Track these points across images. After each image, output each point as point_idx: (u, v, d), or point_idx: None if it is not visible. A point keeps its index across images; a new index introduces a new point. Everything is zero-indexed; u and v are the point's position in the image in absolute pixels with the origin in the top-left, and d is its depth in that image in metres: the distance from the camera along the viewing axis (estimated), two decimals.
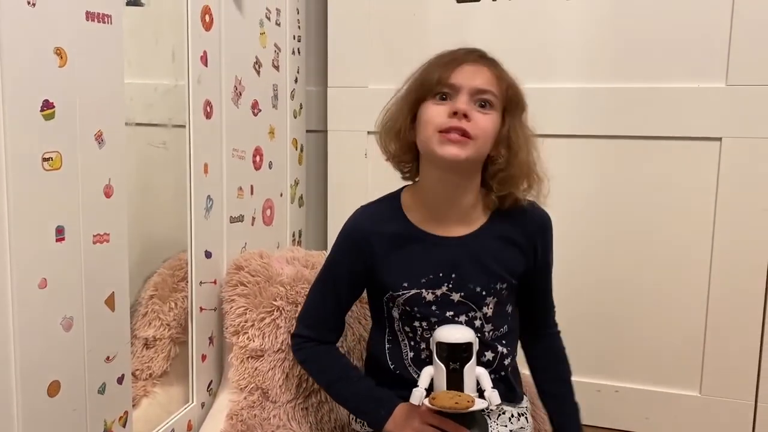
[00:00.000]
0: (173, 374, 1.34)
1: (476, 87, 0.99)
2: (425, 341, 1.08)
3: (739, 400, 1.56)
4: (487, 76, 1.01)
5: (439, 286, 1.06)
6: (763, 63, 1.45)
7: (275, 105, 1.60)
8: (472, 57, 1.02)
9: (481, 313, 1.07)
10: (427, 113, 1.00)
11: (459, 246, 1.06)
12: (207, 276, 1.33)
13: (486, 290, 1.06)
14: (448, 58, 1.02)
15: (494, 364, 1.09)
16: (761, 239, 1.50)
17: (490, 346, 1.09)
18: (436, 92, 1.00)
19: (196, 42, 1.24)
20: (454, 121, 0.97)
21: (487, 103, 1.00)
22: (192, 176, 1.26)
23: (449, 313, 1.07)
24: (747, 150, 1.49)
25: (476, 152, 0.99)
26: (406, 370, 1.10)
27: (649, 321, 1.61)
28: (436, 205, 1.06)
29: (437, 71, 1.00)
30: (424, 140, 1.00)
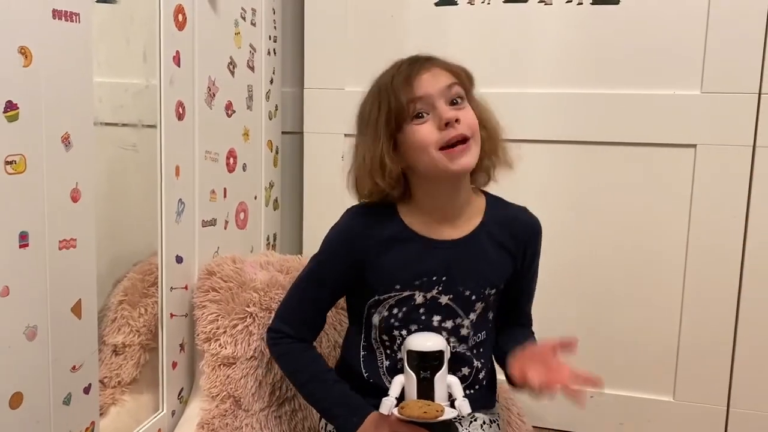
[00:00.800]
0: (143, 382, 1.31)
1: (444, 87, 0.99)
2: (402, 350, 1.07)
3: (711, 405, 1.57)
4: (444, 73, 1.01)
5: (430, 289, 1.05)
6: (737, 71, 1.46)
7: (250, 106, 1.58)
8: (421, 64, 1.01)
9: (468, 320, 1.07)
10: (417, 137, 0.98)
11: (452, 249, 1.06)
12: (178, 281, 1.30)
13: (476, 294, 1.06)
14: (401, 77, 1.00)
15: (470, 378, 1.08)
16: (734, 246, 1.51)
17: (466, 360, 1.08)
18: (411, 114, 0.98)
19: (169, 41, 1.21)
20: (450, 131, 0.97)
21: (459, 97, 1.00)
22: (163, 179, 1.23)
23: (436, 318, 1.06)
24: (721, 157, 1.50)
25: (478, 149, 1.01)
26: (380, 379, 1.09)
27: (624, 327, 1.61)
28: (433, 211, 1.06)
29: (400, 93, 0.98)
30: (428, 163, 0.99)
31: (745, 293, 1.52)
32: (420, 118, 0.98)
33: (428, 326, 1.06)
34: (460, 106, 1.00)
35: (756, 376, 1.53)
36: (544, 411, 1.64)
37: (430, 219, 1.06)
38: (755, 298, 1.51)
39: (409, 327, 1.06)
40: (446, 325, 1.06)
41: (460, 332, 1.07)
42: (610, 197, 1.59)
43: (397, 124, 0.99)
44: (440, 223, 1.06)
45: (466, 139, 0.98)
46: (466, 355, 1.08)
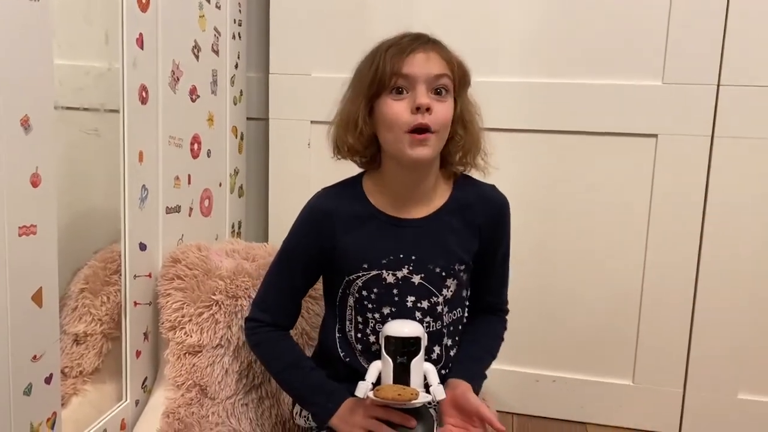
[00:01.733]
0: (106, 371, 1.28)
1: (432, 74, 0.99)
2: (375, 334, 1.07)
3: (668, 389, 1.62)
4: (438, 60, 1.00)
5: (399, 268, 1.05)
6: (698, 62, 1.49)
7: (214, 91, 1.55)
8: (420, 44, 1.01)
9: (442, 297, 1.07)
10: (389, 112, 0.99)
11: (419, 227, 1.07)
12: (141, 269, 1.28)
13: (446, 271, 1.07)
14: (397, 49, 1.00)
15: (442, 359, 1.09)
16: (692, 233, 1.55)
17: (440, 338, 1.09)
18: (391, 86, 0.99)
19: (132, 23, 1.18)
20: (418, 117, 0.97)
21: (443, 89, 1.00)
22: (126, 164, 1.20)
23: (410, 298, 1.06)
24: (681, 146, 1.53)
25: (440, 144, 1.01)
26: (356, 361, 1.09)
27: (586, 313, 1.64)
28: (398, 190, 1.07)
29: (389, 63, 0.99)
30: (391, 141, 1.00)
31: (702, 280, 1.56)
32: (399, 93, 0.99)
33: (402, 307, 1.06)
34: (441, 98, 1.00)
35: (711, 361, 1.58)
36: (507, 395, 1.67)
37: (395, 197, 1.07)
38: (711, 286, 1.56)
39: (382, 309, 1.06)
40: (422, 305, 1.06)
41: (436, 310, 1.07)
42: (573, 186, 1.61)
43: (377, 90, 1.00)
44: (406, 202, 1.07)
45: (428, 130, 0.98)
46: (441, 332, 1.09)
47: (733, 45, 1.47)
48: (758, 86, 1.47)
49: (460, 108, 1.05)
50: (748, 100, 1.48)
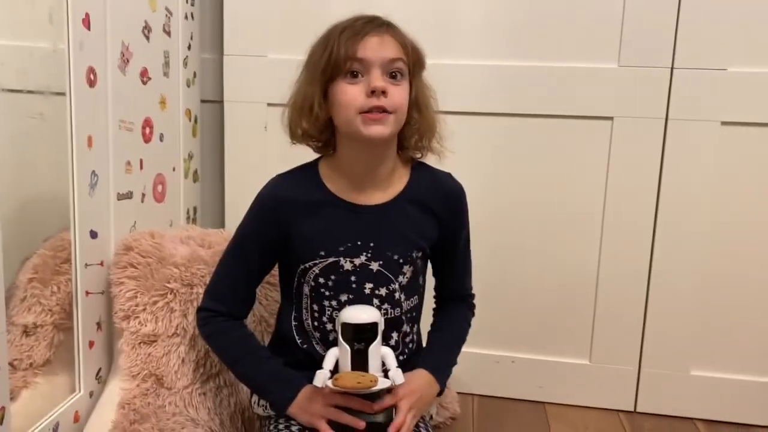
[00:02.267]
0: (57, 363, 1.24)
1: (387, 58, 0.99)
2: (333, 322, 1.06)
3: (624, 367, 1.65)
4: (393, 44, 1.01)
5: (357, 255, 1.05)
6: (653, 46, 1.51)
7: (167, 73, 1.51)
8: (375, 26, 1.01)
9: (398, 283, 1.07)
10: (344, 95, 0.99)
11: (377, 214, 1.06)
12: (93, 257, 1.24)
13: (403, 258, 1.07)
14: (351, 32, 1.00)
15: (399, 346, 1.09)
16: (647, 214, 1.58)
17: (398, 324, 1.09)
18: (346, 70, 0.99)
19: (78, 2, 1.13)
20: (373, 100, 0.98)
21: (398, 72, 1.00)
22: (74, 150, 1.16)
23: (368, 285, 1.06)
24: (636, 129, 1.55)
25: (397, 125, 1.02)
26: (313, 348, 1.09)
27: (544, 295, 1.66)
28: (355, 174, 1.06)
29: (342, 47, 0.98)
30: (345, 122, 1.00)
31: (656, 261, 1.59)
32: (354, 77, 0.99)
33: (360, 294, 1.06)
34: (396, 81, 1.00)
35: (664, 340, 1.62)
36: (468, 377, 1.68)
37: (352, 183, 1.06)
38: (665, 267, 1.59)
39: (339, 297, 1.06)
40: (380, 292, 1.06)
41: (394, 297, 1.08)
42: (531, 168, 1.62)
43: (332, 74, 1.00)
44: (362, 188, 1.06)
45: (385, 111, 0.98)
46: (399, 319, 1.09)
47: (686, 29, 1.49)
48: (710, 69, 1.49)
49: (415, 91, 1.05)
50: (700, 83, 1.50)
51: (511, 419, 1.61)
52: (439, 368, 1.10)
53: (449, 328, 1.17)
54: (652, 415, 1.65)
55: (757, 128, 1.51)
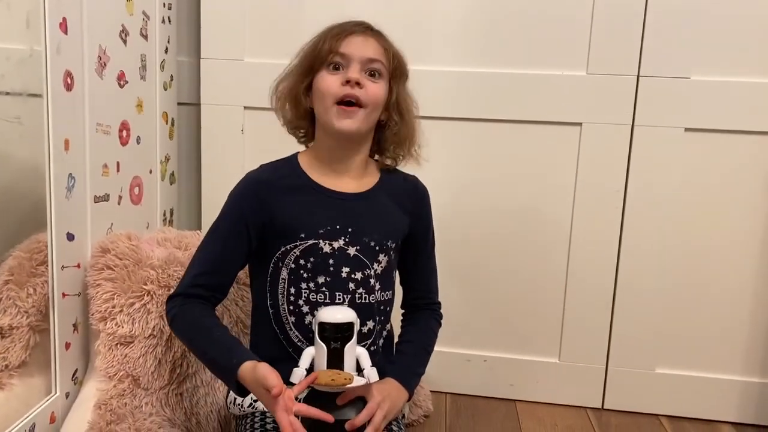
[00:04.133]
0: (33, 364, 1.25)
1: (366, 57, 1.08)
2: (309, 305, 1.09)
3: (592, 365, 1.70)
4: (375, 46, 1.10)
5: (336, 238, 1.09)
6: (619, 54, 1.56)
7: (143, 76, 1.52)
8: (361, 28, 1.10)
9: (373, 270, 1.11)
10: (323, 83, 1.07)
11: (356, 201, 1.12)
12: (70, 260, 1.25)
13: (379, 245, 1.12)
14: (338, 30, 1.09)
15: (372, 334, 1.13)
16: (614, 217, 1.63)
17: (372, 312, 1.12)
18: (329, 62, 1.07)
19: (55, 6, 1.14)
20: (347, 89, 1.05)
21: (377, 72, 1.09)
22: (51, 153, 1.16)
23: (345, 269, 1.09)
24: (604, 134, 1.60)
25: (366, 121, 1.08)
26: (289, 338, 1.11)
27: (514, 296, 1.70)
28: (332, 162, 1.12)
29: (328, 42, 1.07)
30: (322, 111, 1.08)
31: (623, 263, 1.64)
32: (335, 69, 1.08)
33: (337, 277, 1.09)
34: (374, 79, 1.08)
35: (630, 339, 1.67)
36: (440, 375, 1.71)
37: (330, 170, 1.13)
38: (631, 268, 1.64)
39: (317, 278, 1.09)
40: (356, 276, 1.10)
41: (369, 282, 1.11)
42: (502, 171, 1.66)
43: (315, 66, 1.08)
44: (340, 176, 1.13)
45: (359, 103, 1.06)
46: (373, 307, 1.12)
47: (651, 39, 1.54)
48: (674, 77, 1.55)
49: (396, 96, 1.13)
50: (665, 91, 1.55)
51: (482, 417, 1.65)
52: (406, 376, 1.14)
53: (417, 339, 1.21)
54: (619, 412, 1.70)
55: (719, 134, 1.57)
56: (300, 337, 1.10)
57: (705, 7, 1.52)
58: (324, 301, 1.09)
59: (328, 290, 1.09)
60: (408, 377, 1.14)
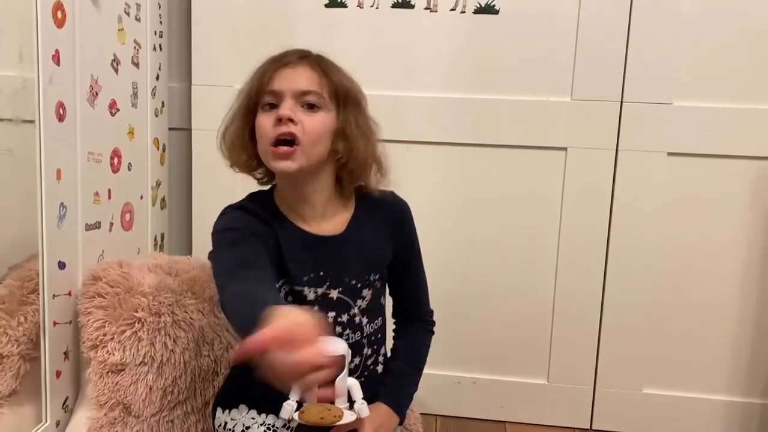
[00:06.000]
0: (23, 393, 1.25)
1: (298, 90, 1.00)
2: None
3: (580, 386, 1.72)
4: (308, 75, 1.01)
5: (320, 285, 1.07)
6: (602, 81, 1.59)
7: (135, 104, 1.53)
8: (292, 59, 1.03)
9: (358, 308, 1.09)
10: (259, 126, 1.01)
11: (334, 242, 1.08)
12: (61, 288, 1.26)
13: (362, 282, 1.09)
14: (268, 65, 1.03)
15: (359, 369, 1.12)
16: (599, 240, 1.65)
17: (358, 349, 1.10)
18: (263, 102, 1.01)
19: (47, 40, 1.16)
20: (282, 127, 0.98)
21: (313, 104, 1.01)
22: (43, 183, 1.17)
23: (331, 314, 1.07)
24: (588, 159, 1.63)
25: (307, 157, 1.00)
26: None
27: (503, 319, 1.72)
28: (297, 204, 1.07)
29: (258, 80, 1.02)
30: (262, 154, 1.03)
31: (609, 285, 1.67)
32: (271, 108, 1.01)
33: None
34: (311, 112, 1.00)
35: (617, 360, 1.69)
36: (430, 398, 1.73)
37: (303, 212, 1.07)
38: (618, 291, 1.66)
39: None
40: (342, 319, 1.08)
41: (354, 321, 1.09)
42: (488, 195, 1.68)
43: (252, 107, 1.03)
44: (314, 218, 1.08)
45: (293, 141, 0.98)
46: (360, 343, 1.11)
47: (634, 66, 1.58)
48: (657, 103, 1.58)
49: (342, 123, 1.03)
50: (647, 116, 1.59)
51: None
52: (397, 400, 1.13)
53: (408, 356, 1.19)
54: None
55: (701, 159, 1.60)
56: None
57: (686, 35, 1.56)
58: None
59: None
60: (399, 401, 1.14)
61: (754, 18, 1.54)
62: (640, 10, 1.56)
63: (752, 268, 1.63)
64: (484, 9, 1.62)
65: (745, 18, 1.54)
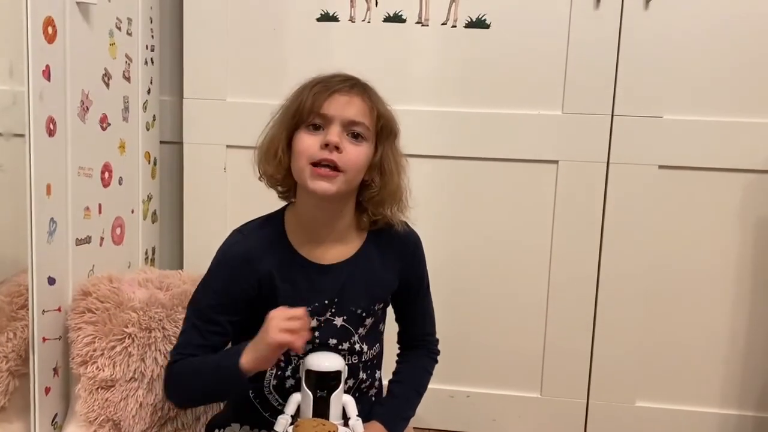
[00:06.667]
0: (12, 410, 1.25)
1: (348, 119, 1.01)
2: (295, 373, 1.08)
3: (573, 399, 1.71)
4: (359, 107, 1.02)
5: (323, 313, 1.07)
6: (593, 94, 1.60)
7: (126, 118, 1.53)
8: (345, 86, 1.03)
9: (358, 336, 1.10)
10: (301, 144, 1.01)
11: (341, 272, 1.07)
12: (50, 303, 1.25)
13: (366, 311, 1.09)
14: (321, 87, 1.02)
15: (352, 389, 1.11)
16: (591, 253, 1.66)
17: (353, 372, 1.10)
18: (309, 122, 1.01)
19: (38, 55, 1.15)
20: (325, 153, 0.99)
21: (359, 134, 1.02)
22: (33, 198, 1.16)
23: (332, 341, 1.07)
24: (580, 172, 1.63)
25: (346, 185, 1.01)
26: (265, 398, 1.10)
27: (495, 332, 1.72)
28: (313, 228, 1.07)
29: (310, 99, 1.01)
30: (297, 171, 1.02)
31: (601, 298, 1.67)
32: (315, 129, 1.01)
33: (324, 348, 1.07)
34: (356, 142, 1.02)
35: (610, 373, 1.69)
36: (423, 411, 1.71)
37: (313, 237, 1.07)
38: (610, 304, 1.66)
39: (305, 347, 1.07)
40: (343, 346, 1.08)
41: (355, 348, 1.09)
42: (481, 209, 1.68)
43: (297, 123, 1.02)
44: (324, 242, 1.07)
45: (336, 168, 0.99)
46: (357, 367, 1.11)
47: (624, 79, 1.58)
48: (647, 116, 1.59)
49: (381, 156, 1.05)
50: (638, 130, 1.60)
51: None
52: (394, 420, 1.12)
53: (409, 380, 1.19)
54: None
55: (691, 171, 1.61)
56: (279, 400, 1.08)
57: (676, 49, 1.57)
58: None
59: None
60: (395, 421, 1.13)
61: (743, 32, 1.55)
62: (630, 23, 1.57)
63: (744, 280, 1.64)
64: (476, 23, 1.62)
65: (735, 32, 1.56)
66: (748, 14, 1.55)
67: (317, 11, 1.66)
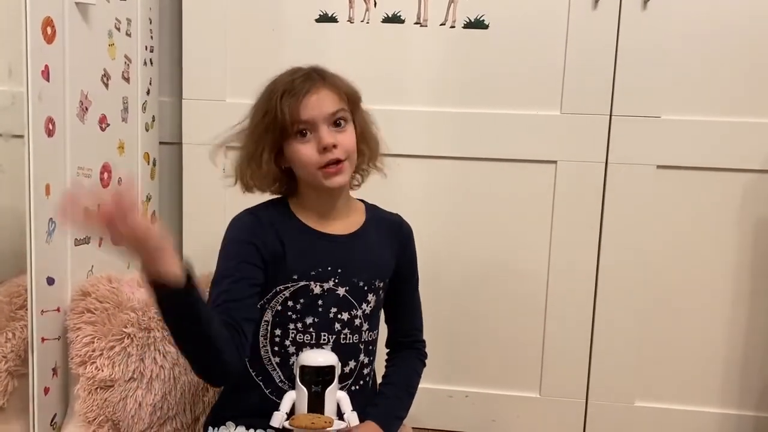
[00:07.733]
0: (11, 410, 1.25)
1: (327, 114, 1.06)
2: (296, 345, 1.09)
3: (573, 399, 1.71)
4: (330, 97, 1.07)
5: (326, 280, 1.10)
6: (591, 95, 1.60)
7: (125, 118, 1.53)
8: (312, 84, 1.06)
9: (361, 311, 1.12)
10: (300, 155, 1.06)
11: (346, 243, 1.13)
12: (49, 304, 1.25)
13: (368, 286, 1.13)
14: (290, 95, 1.05)
15: (354, 374, 1.13)
16: (590, 253, 1.66)
17: (355, 351, 1.12)
18: (294, 132, 1.05)
19: (37, 56, 1.16)
20: (327, 155, 1.05)
21: (342, 119, 1.08)
22: (32, 199, 1.17)
23: (333, 310, 1.10)
24: (578, 172, 1.63)
25: (352, 167, 1.10)
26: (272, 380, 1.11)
27: (494, 332, 1.72)
28: (320, 208, 1.13)
29: (285, 111, 1.03)
30: (307, 176, 1.08)
31: (600, 298, 1.67)
32: (303, 136, 1.06)
33: (325, 317, 1.09)
34: (342, 129, 1.07)
35: (610, 373, 1.69)
36: (422, 412, 1.72)
37: (318, 215, 1.13)
38: (609, 303, 1.66)
39: (305, 319, 1.09)
40: (342, 316, 1.11)
41: (354, 323, 1.12)
42: (480, 209, 1.68)
43: (281, 135, 1.06)
44: (328, 219, 1.13)
45: (340, 161, 1.06)
46: (357, 347, 1.13)
47: (622, 80, 1.59)
48: (645, 117, 1.59)
49: (360, 127, 1.12)
50: (636, 130, 1.60)
51: None
52: (387, 420, 1.13)
53: (400, 380, 1.21)
54: None
55: (689, 171, 1.61)
56: (282, 378, 1.10)
57: (674, 49, 1.57)
58: (310, 342, 1.09)
59: (314, 331, 1.09)
60: (389, 421, 1.14)
61: (741, 32, 1.56)
62: (628, 24, 1.57)
63: (743, 279, 1.64)
64: (474, 24, 1.63)
65: (733, 32, 1.56)
66: (747, 14, 1.55)
67: (316, 12, 1.67)
